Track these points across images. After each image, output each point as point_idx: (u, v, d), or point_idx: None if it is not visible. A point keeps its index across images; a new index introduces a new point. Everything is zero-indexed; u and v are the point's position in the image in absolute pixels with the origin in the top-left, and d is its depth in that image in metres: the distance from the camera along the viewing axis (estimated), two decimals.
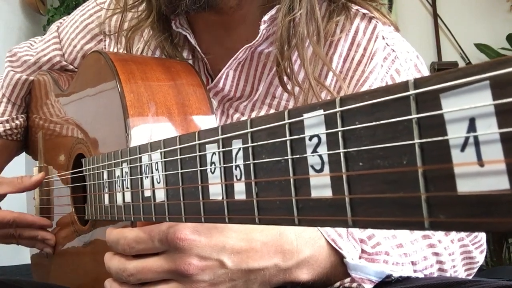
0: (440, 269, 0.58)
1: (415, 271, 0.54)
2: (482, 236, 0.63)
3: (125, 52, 0.75)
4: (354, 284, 0.51)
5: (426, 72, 0.68)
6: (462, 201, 0.19)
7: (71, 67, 0.91)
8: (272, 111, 0.68)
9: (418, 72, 0.67)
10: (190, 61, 0.72)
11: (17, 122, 0.95)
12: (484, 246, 0.64)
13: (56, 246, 0.83)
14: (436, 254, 0.57)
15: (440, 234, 0.59)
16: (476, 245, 0.63)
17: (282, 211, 0.29)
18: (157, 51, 0.73)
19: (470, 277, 0.64)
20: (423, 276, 0.55)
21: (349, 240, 0.52)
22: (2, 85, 0.95)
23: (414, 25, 2.00)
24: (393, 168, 0.22)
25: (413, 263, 0.54)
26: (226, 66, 0.68)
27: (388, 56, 0.65)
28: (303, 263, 0.49)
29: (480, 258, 0.63)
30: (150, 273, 0.47)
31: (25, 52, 0.94)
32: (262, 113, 0.68)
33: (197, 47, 0.70)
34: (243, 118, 0.68)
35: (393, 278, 0.51)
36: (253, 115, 0.69)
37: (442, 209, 0.20)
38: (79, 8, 0.89)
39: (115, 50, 0.79)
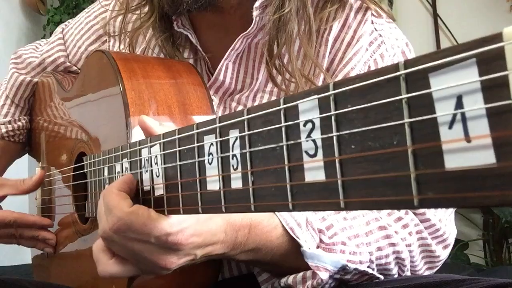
0: (397, 258, 0.58)
1: (371, 261, 0.56)
2: (445, 230, 0.62)
3: (128, 52, 0.75)
4: (308, 273, 0.53)
5: None
6: (450, 177, 0.19)
7: (74, 68, 0.92)
8: (273, 98, 0.68)
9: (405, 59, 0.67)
10: (192, 61, 0.73)
11: (19, 123, 0.95)
12: (449, 242, 0.63)
13: (57, 246, 0.83)
14: (392, 244, 0.58)
15: (397, 226, 0.59)
16: (437, 239, 0.62)
17: (277, 198, 0.29)
18: (161, 54, 0.74)
19: (433, 271, 0.64)
20: (380, 265, 0.57)
21: (308, 230, 0.54)
22: (6, 86, 0.96)
23: (414, 25, 2.00)
24: (384, 148, 0.22)
25: (370, 254, 0.56)
26: (225, 57, 0.69)
27: (375, 40, 0.66)
28: (243, 251, 0.52)
29: (442, 253, 0.63)
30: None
31: (30, 54, 0.95)
32: (264, 101, 0.69)
33: (199, 46, 0.71)
34: None
35: (348, 268, 0.53)
36: (256, 104, 0.69)
37: (430, 186, 0.20)
38: (85, 10, 0.91)
39: (119, 51, 0.80)
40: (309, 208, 0.27)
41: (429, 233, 0.61)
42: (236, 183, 0.33)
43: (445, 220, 0.62)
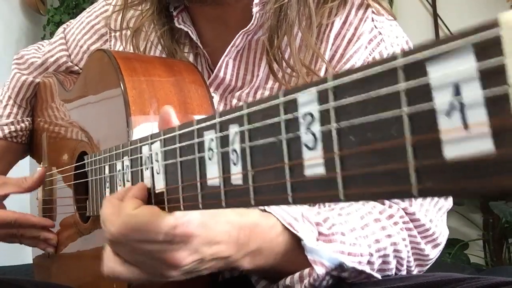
0: (395, 251, 0.58)
1: (371, 254, 0.55)
2: (435, 231, 0.62)
3: (131, 50, 0.76)
4: (305, 271, 0.52)
5: None
6: (449, 167, 0.19)
7: (76, 68, 0.92)
8: None
9: None
10: (191, 56, 0.73)
11: (22, 125, 0.96)
12: (439, 241, 0.63)
13: (58, 245, 0.83)
14: (389, 236, 0.58)
15: (390, 222, 0.59)
16: (427, 239, 0.61)
17: (277, 192, 0.29)
18: (159, 46, 0.74)
19: (424, 269, 0.64)
20: (379, 257, 0.57)
21: (305, 224, 0.53)
22: (9, 87, 0.97)
23: (414, 25, 2.00)
24: (383, 139, 0.22)
25: (368, 246, 0.55)
26: (225, 54, 0.69)
27: (374, 38, 0.66)
28: (247, 254, 0.50)
29: (431, 252, 0.62)
30: None
31: (32, 55, 0.96)
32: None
33: (199, 43, 0.71)
34: None
35: (346, 266, 0.52)
36: None
37: (430, 176, 0.20)
38: (86, 10, 0.92)
39: (121, 49, 0.81)
40: (309, 201, 0.27)
41: (418, 232, 0.61)
42: (236, 178, 0.33)
43: (436, 221, 0.62)
